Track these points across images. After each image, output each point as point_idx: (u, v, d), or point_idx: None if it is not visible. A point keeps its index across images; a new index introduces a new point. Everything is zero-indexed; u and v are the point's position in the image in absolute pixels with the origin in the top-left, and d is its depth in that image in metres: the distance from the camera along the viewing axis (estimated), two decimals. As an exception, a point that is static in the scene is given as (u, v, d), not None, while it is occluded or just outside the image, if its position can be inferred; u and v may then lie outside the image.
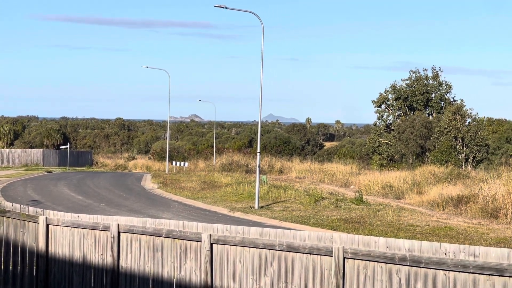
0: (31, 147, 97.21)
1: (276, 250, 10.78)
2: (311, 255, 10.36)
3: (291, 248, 10.54)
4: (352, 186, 46.71)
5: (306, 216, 31.76)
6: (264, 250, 10.95)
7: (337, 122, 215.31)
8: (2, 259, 14.23)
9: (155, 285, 12.53)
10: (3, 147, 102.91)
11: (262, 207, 35.16)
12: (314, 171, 58.02)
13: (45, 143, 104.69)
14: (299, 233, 10.78)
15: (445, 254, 8.89)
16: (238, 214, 33.43)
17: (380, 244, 9.55)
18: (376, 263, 9.59)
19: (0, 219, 14.22)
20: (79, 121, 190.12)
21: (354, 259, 9.83)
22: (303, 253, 10.44)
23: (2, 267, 14.22)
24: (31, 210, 14.18)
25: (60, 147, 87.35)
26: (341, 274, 9.93)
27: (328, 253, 10.08)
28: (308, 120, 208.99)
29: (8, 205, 14.37)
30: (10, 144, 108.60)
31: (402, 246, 9.29)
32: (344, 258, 9.92)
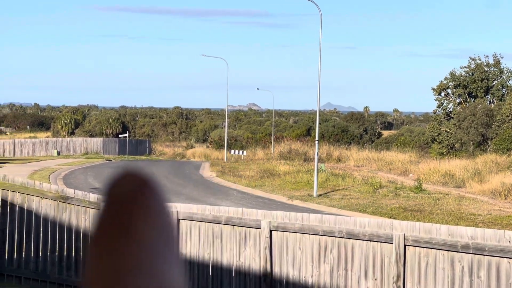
0: (91, 136, 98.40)
1: (335, 237, 10.73)
2: (371, 242, 10.29)
3: (351, 235, 10.48)
4: (411, 175, 46.31)
5: (364, 204, 31.59)
6: (323, 237, 10.91)
7: (395, 110, 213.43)
8: (65, 245, 14.41)
9: (215, 271, 12.58)
10: (64, 136, 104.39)
11: (320, 195, 35.08)
12: (372, 160, 57.63)
13: (104, 132, 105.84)
14: (359, 220, 10.71)
15: (509, 241, 8.74)
16: (296, 202, 33.39)
17: (442, 231, 9.43)
18: (437, 250, 9.48)
19: (62, 206, 14.39)
20: (138, 110, 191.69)
21: (415, 246, 9.73)
22: (363, 240, 10.37)
23: (65, 253, 14.41)
24: (92, 196, 14.33)
25: (119, 135, 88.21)
26: (402, 261, 9.84)
27: (389, 240, 10.00)
28: (366, 108, 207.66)
29: (70, 192, 14.55)
30: (71, 133, 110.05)
31: (465, 233, 9.16)
32: (404, 246, 9.83)
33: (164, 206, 0.85)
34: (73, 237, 14.38)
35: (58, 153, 77.14)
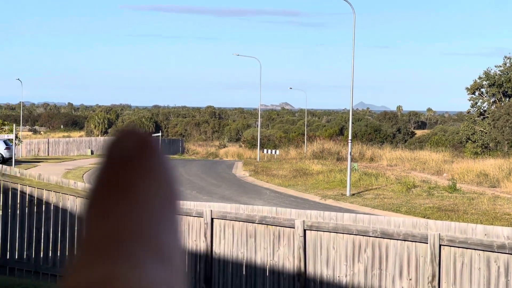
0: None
1: (369, 236, 10.69)
2: (406, 241, 10.24)
3: (385, 235, 10.44)
4: (444, 174, 46.02)
5: (398, 204, 31.45)
6: (357, 236, 10.88)
7: (429, 110, 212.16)
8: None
9: (248, 271, 12.59)
10: (97, 135, 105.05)
11: (353, 194, 34.98)
12: (406, 159, 57.34)
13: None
14: (393, 219, 10.66)
15: (546, 242, 8.66)
16: (329, 202, 33.32)
17: (477, 231, 9.36)
18: (473, 250, 9.41)
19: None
20: (171, 109, 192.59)
21: (451, 246, 9.67)
22: (397, 239, 10.32)
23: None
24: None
25: (152, 135, 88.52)
26: (437, 261, 9.78)
27: (423, 240, 9.94)
28: (399, 108, 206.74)
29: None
30: (105, 132, 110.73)
31: (501, 233, 9.08)
32: (440, 245, 9.76)
33: (167, 169, 0.80)
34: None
35: (92, 153, 77.66)
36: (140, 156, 0.79)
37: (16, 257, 14.53)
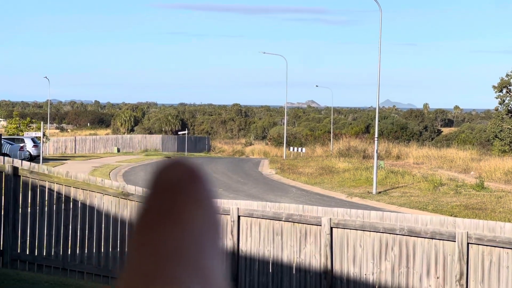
0: (150, 133, 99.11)
1: (396, 234, 10.65)
2: (433, 240, 10.19)
3: (412, 233, 10.39)
4: (472, 172, 45.73)
5: (424, 202, 31.29)
6: (384, 234, 10.84)
7: (456, 107, 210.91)
8: (126, 241, 14.54)
9: (275, 268, 12.58)
10: (124, 133, 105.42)
11: (379, 192, 34.86)
12: (432, 157, 57.04)
13: (163, 129, 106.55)
14: (421, 217, 10.62)
15: None
16: (356, 200, 33.23)
17: (506, 229, 9.30)
18: (501, 249, 9.35)
19: (123, 202, 14.52)
20: (197, 107, 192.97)
21: (479, 244, 9.61)
22: (425, 237, 10.28)
23: (126, 249, 14.54)
24: (153, 193, 14.40)
25: (178, 133, 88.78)
26: (465, 259, 9.72)
27: (451, 238, 9.89)
28: (425, 105, 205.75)
29: (131, 188, 14.67)
30: (131, 130, 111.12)
31: (530, 231, 9.02)
32: (468, 244, 9.71)
33: (212, 198, 0.84)
34: (135, 233, 14.46)
35: (118, 150, 77.99)
36: (187, 184, 0.83)
37: (44, 254, 14.62)
